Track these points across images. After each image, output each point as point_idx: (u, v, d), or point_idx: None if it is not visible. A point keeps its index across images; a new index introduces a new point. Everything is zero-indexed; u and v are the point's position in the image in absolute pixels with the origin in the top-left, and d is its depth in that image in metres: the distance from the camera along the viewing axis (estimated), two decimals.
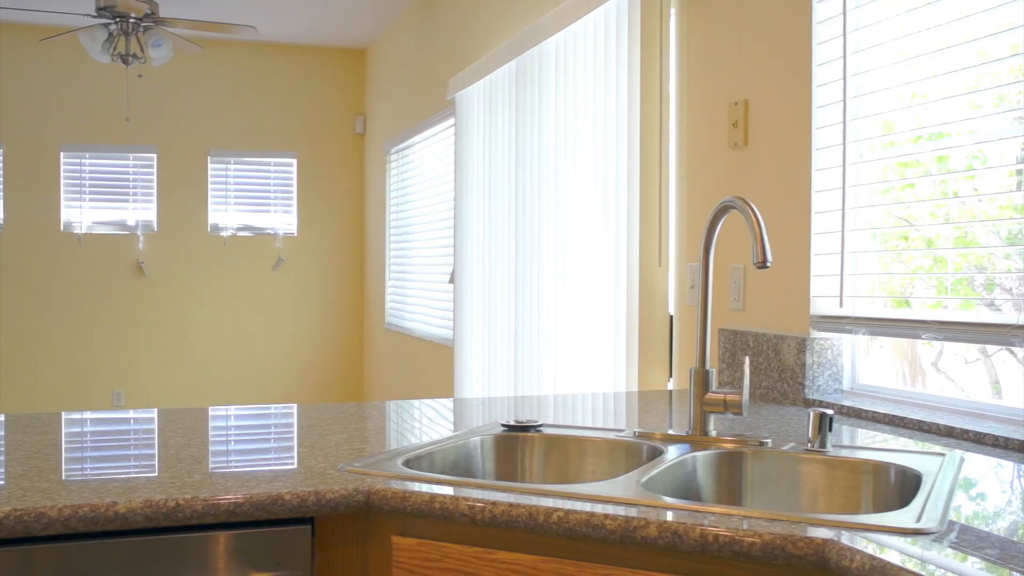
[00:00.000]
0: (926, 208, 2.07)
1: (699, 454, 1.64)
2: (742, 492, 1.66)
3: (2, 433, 1.81)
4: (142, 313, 7.20)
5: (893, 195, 2.13)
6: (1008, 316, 1.86)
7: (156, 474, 1.46)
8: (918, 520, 1.21)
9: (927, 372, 2.28)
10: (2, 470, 1.49)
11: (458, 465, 1.73)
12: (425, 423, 1.97)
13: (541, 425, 1.88)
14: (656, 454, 1.68)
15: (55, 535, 1.28)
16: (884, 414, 2.00)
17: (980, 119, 1.89)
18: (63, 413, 2.05)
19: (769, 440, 1.71)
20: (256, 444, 1.72)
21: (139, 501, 1.30)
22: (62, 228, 7.05)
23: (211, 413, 2.08)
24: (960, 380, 2.21)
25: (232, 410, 2.14)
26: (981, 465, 1.57)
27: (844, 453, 1.63)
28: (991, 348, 2.09)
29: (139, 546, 1.31)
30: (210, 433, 1.84)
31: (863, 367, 2.30)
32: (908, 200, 2.10)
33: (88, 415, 2.04)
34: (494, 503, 1.31)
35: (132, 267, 7.17)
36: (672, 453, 1.63)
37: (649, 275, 2.91)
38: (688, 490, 1.61)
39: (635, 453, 1.74)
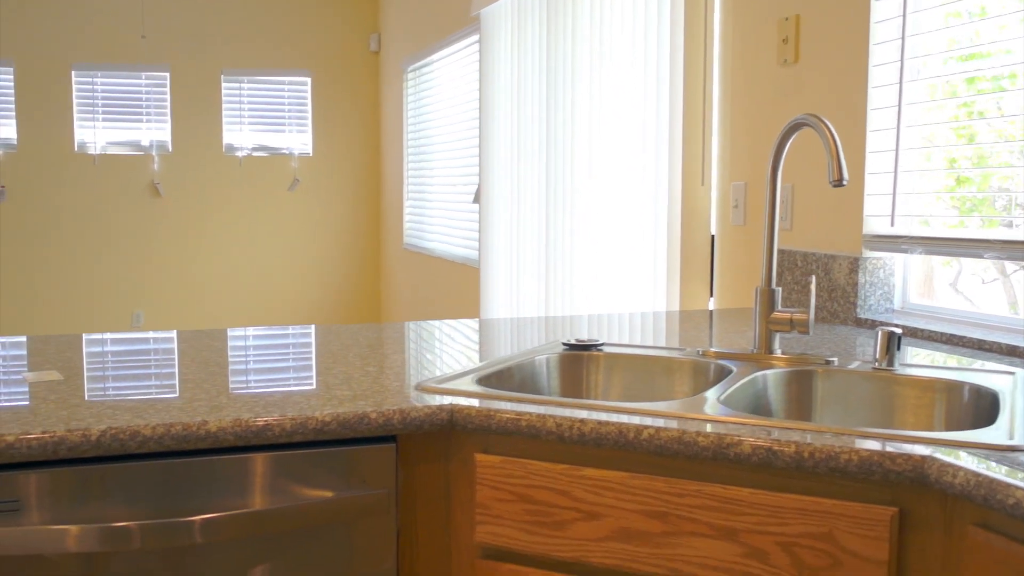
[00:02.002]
0: (984, 126, 2.04)
1: (769, 372, 1.65)
2: (811, 410, 1.67)
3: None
4: (159, 234, 7.19)
5: (949, 112, 2.10)
6: None
7: (239, 392, 1.47)
8: (1010, 437, 1.21)
9: (937, 291, 2.27)
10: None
11: (525, 384, 1.74)
12: (479, 343, 1.97)
13: (602, 344, 1.88)
14: (724, 373, 1.68)
15: (142, 453, 1.29)
16: (941, 333, 2.00)
17: None
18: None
19: (835, 359, 1.72)
20: (323, 364, 1.73)
21: (229, 420, 1.31)
22: (76, 149, 7.00)
23: (268, 332, 2.09)
24: (977, 300, 2.21)
25: (289, 330, 2.15)
26: None
27: (913, 371, 1.64)
28: (1010, 267, 2.10)
29: (227, 464, 1.32)
30: (273, 353, 1.84)
31: (914, 287, 2.29)
32: (963, 120, 2.07)
33: (150, 334, 2.05)
34: (582, 421, 1.31)
35: (148, 188, 7.14)
36: (740, 371, 1.63)
37: (691, 194, 2.89)
38: (758, 408, 1.62)
39: (702, 371, 1.74)
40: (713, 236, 2.92)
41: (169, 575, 1.31)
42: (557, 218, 3.79)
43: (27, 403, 1.39)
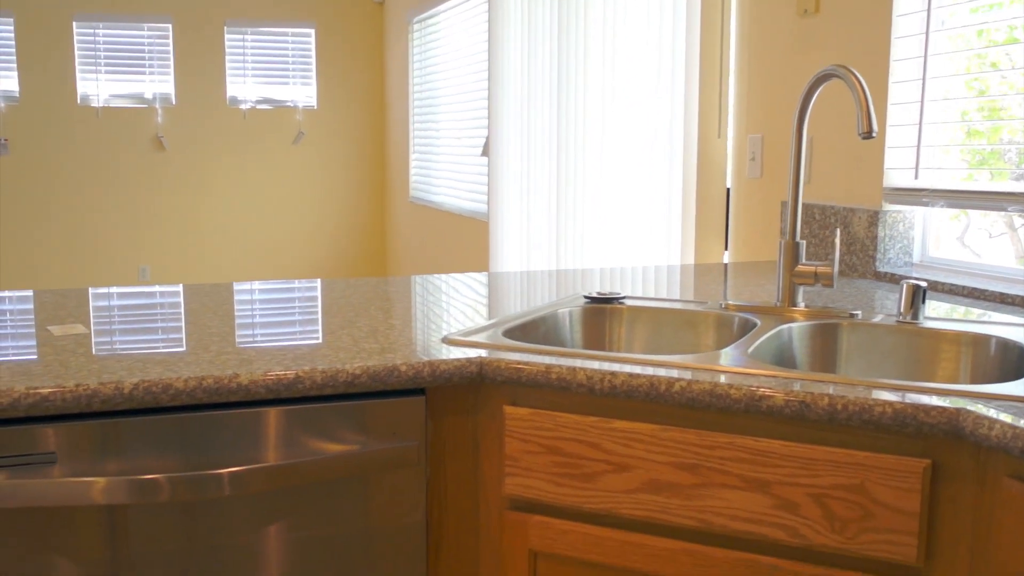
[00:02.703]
0: (1011, 77, 2.02)
1: (794, 325, 1.65)
2: (836, 364, 1.67)
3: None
4: (164, 188, 7.16)
5: (977, 63, 2.07)
6: None
7: (268, 345, 1.47)
8: None
9: (944, 245, 2.26)
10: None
11: (548, 336, 1.74)
12: (499, 296, 1.97)
13: (624, 297, 1.88)
14: (749, 326, 1.68)
15: (174, 406, 1.30)
16: (963, 287, 2.00)
17: None
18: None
19: (859, 312, 1.71)
20: (346, 317, 1.73)
21: (260, 372, 1.31)
22: (79, 101, 6.95)
23: (288, 286, 2.09)
24: (984, 254, 2.21)
25: (308, 283, 2.14)
26: None
27: (937, 325, 1.64)
28: (1018, 221, 2.09)
29: (257, 417, 1.32)
30: (294, 307, 1.84)
31: (933, 240, 2.28)
32: (987, 71, 2.04)
33: (158, 288, 2.05)
34: (613, 373, 1.31)
35: (152, 141, 7.10)
36: (765, 325, 1.63)
37: (707, 147, 2.87)
38: (783, 361, 1.62)
39: (726, 324, 1.74)
40: (728, 189, 2.90)
41: (199, 527, 1.32)
42: (569, 171, 3.77)
43: (57, 356, 1.39)
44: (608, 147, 3.45)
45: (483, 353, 1.42)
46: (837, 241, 1.70)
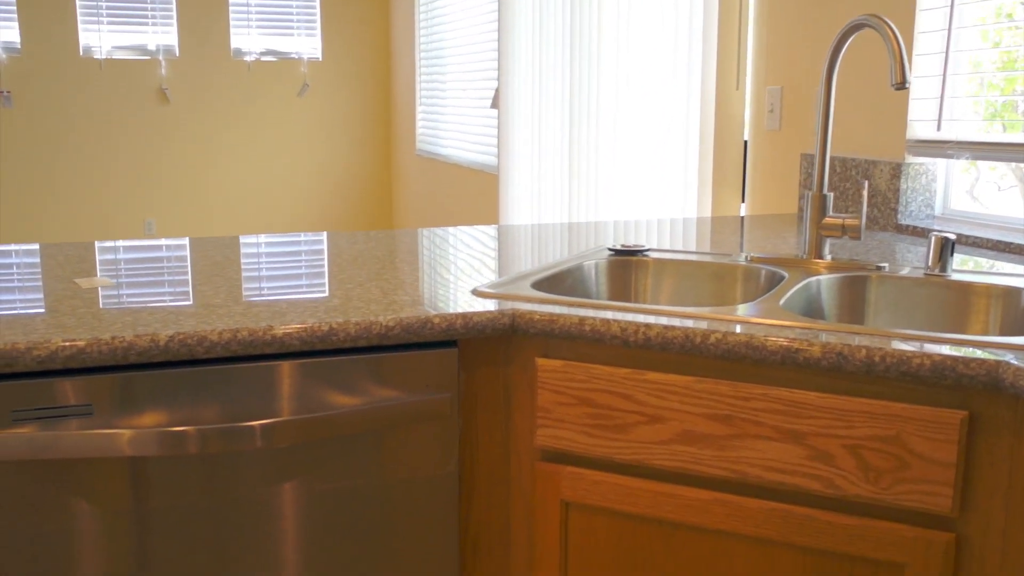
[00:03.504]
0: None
1: (823, 278, 1.64)
2: (864, 316, 1.67)
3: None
4: (168, 141, 7.12)
5: (1005, 10, 2.05)
6: None
7: (298, 297, 1.47)
8: None
9: (954, 197, 2.25)
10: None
11: (575, 288, 1.74)
12: (518, 249, 1.96)
13: (648, 250, 1.87)
14: (776, 279, 1.68)
15: (208, 359, 1.30)
16: (987, 239, 1.99)
17: None
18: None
19: (886, 265, 1.71)
20: (371, 270, 1.72)
21: (295, 325, 1.31)
22: (81, 53, 6.88)
23: (309, 238, 2.08)
24: (993, 207, 2.19)
25: (320, 236, 2.14)
26: None
27: (965, 278, 1.63)
28: None
29: (290, 369, 1.32)
30: (320, 260, 1.83)
31: (956, 193, 2.27)
32: (1003, 23, 2.01)
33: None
34: (648, 325, 1.31)
35: (156, 93, 7.04)
36: (792, 277, 1.62)
37: (725, 99, 2.85)
38: (812, 313, 1.62)
39: (752, 277, 1.74)
40: (746, 142, 2.88)
41: (229, 480, 1.32)
42: (581, 123, 3.74)
43: (88, 309, 1.39)
44: (623, 99, 3.42)
45: (515, 305, 1.42)
46: (865, 193, 1.69)
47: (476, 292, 1.51)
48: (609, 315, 1.35)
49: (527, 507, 1.47)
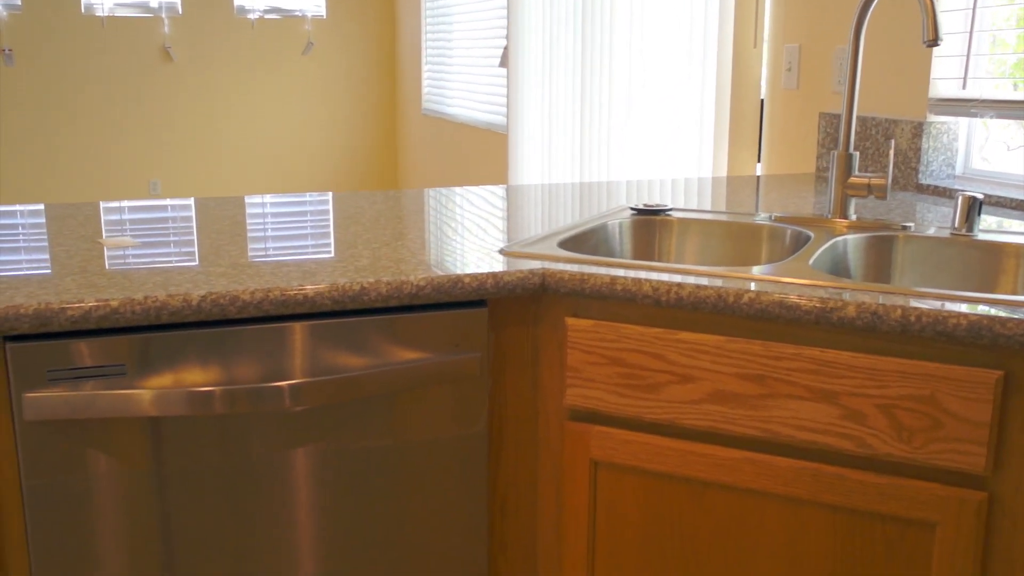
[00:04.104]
0: None
1: (849, 237, 1.64)
2: (891, 276, 1.66)
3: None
4: (172, 100, 7.07)
5: None
6: None
7: (328, 257, 1.46)
8: None
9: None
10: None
11: (599, 248, 1.73)
12: (538, 209, 1.95)
13: (671, 209, 1.86)
14: (802, 238, 1.67)
15: (239, 319, 1.29)
16: (1010, 199, 1.98)
17: None
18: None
19: (911, 224, 1.70)
20: (396, 230, 1.71)
21: (325, 284, 1.30)
22: (83, 10, 6.81)
23: (328, 198, 2.07)
24: (1001, 167, 2.18)
25: (339, 195, 2.13)
26: None
27: (993, 237, 1.63)
28: None
29: (323, 329, 1.32)
30: (343, 220, 1.83)
31: (977, 152, 2.26)
32: None
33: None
34: (680, 285, 1.31)
35: (159, 52, 6.98)
36: (819, 237, 1.62)
37: (742, 57, 2.82)
38: (839, 273, 1.62)
39: (778, 237, 1.73)
40: (762, 100, 2.86)
41: (261, 440, 1.33)
42: (594, 81, 3.71)
43: (117, 269, 1.39)
44: (637, 57, 3.39)
45: (544, 264, 1.42)
46: (892, 152, 1.68)
47: (504, 251, 1.50)
48: (642, 275, 1.35)
49: (555, 466, 1.48)
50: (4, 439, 1.24)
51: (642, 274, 1.35)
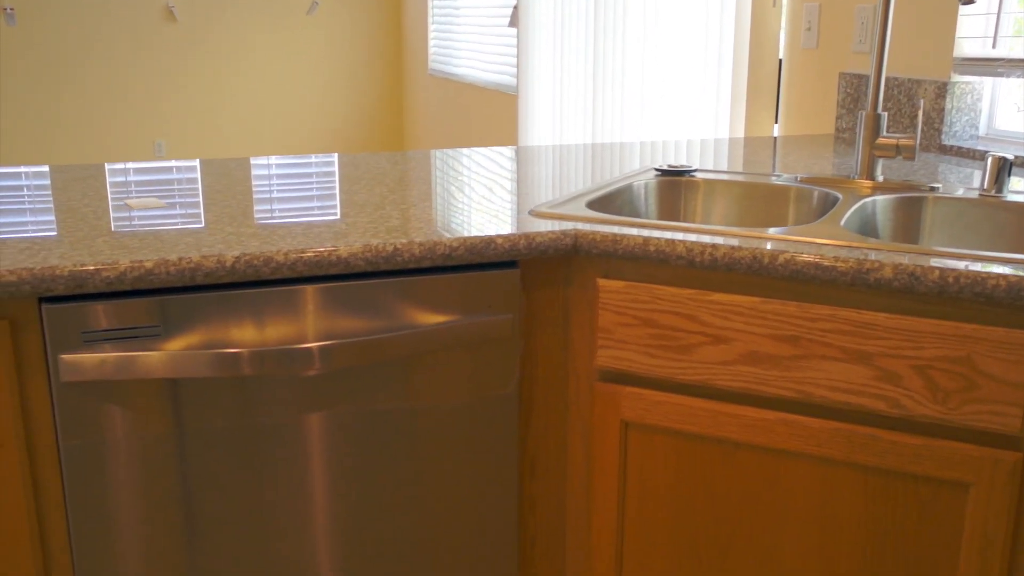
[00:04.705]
0: None
1: (878, 198, 1.63)
2: (919, 237, 1.66)
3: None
4: (176, 60, 7.01)
5: None
6: None
7: (359, 219, 1.46)
8: None
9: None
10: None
11: (623, 209, 1.73)
12: (561, 169, 1.94)
13: (695, 170, 1.85)
14: (830, 200, 1.66)
15: (272, 280, 1.29)
16: None
17: None
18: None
19: (939, 185, 1.69)
20: (422, 191, 1.71)
21: (359, 245, 1.30)
22: None
23: (351, 159, 2.06)
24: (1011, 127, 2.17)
25: (362, 156, 2.12)
26: None
27: (1023, 199, 1.62)
28: None
29: (357, 289, 1.32)
30: (367, 183, 1.82)
31: (1000, 112, 2.24)
32: None
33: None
34: (715, 246, 1.30)
35: (162, 11, 6.92)
36: (847, 198, 1.61)
37: (760, 16, 2.79)
38: (866, 234, 1.61)
39: (805, 198, 1.72)
40: (780, 60, 2.83)
41: (292, 402, 1.33)
42: (607, 40, 3.68)
43: (148, 230, 1.38)
44: (652, 15, 3.35)
45: (576, 225, 1.41)
46: (921, 113, 1.67)
47: (534, 212, 1.49)
48: (678, 236, 1.34)
49: (584, 427, 1.48)
50: (40, 400, 1.24)
51: (677, 235, 1.35)
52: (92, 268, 1.19)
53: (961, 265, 1.20)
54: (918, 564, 1.28)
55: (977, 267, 1.19)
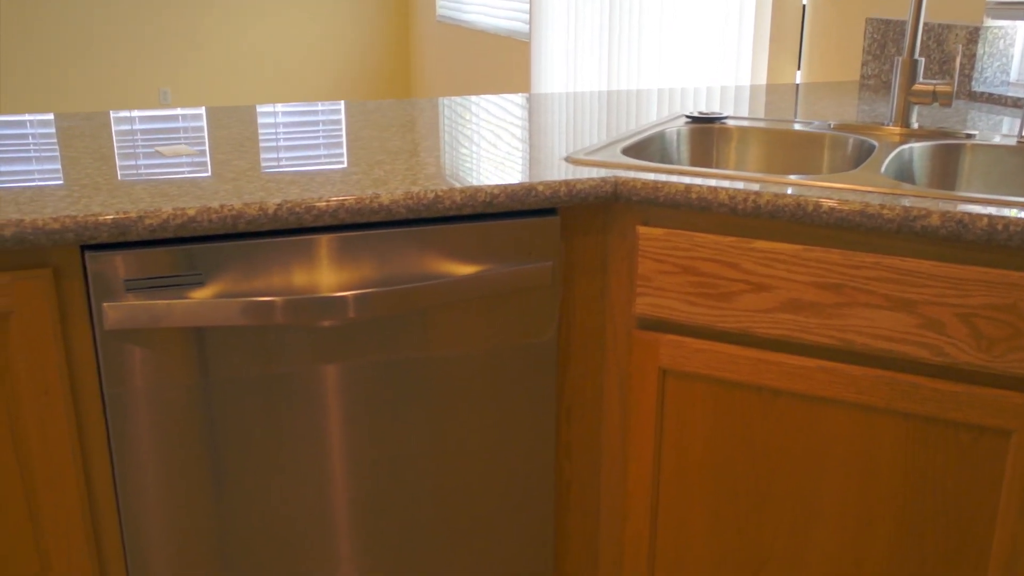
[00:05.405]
0: None
1: (916, 145, 1.61)
2: (957, 185, 1.65)
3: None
4: (181, 8, 6.93)
5: None
6: None
7: (397, 166, 1.44)
8: None
9: None
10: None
11: (656, 156, 1.71)
12: (588, 117, 1.91)
13: (726, 117, 1.84)
14: (865, 147, 1.65)
15: (310, 227, 1.28)
16: None
17: None
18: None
19: (976, 132, 1.68)
20: (455, 137, 1.69)
21: (400, 193, 1.29)
22: None
23: (377, 105, 2.04)
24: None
25: (384, 103, 2.09)
26: None
27: None
28: None
29: (401, 236, 1.31)
30: (407, 129, 1.80)
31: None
32: None
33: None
34: (758, 193, 1.29)
35: None
36: (884, 146, 1.59)
37: None
38: (904, 182, 1.59)
39: (839, 145, 1.71)
40: (804, 5, 2.79)
41: (331, 350, 1.33)
42: None
43: (186, 178, 1.37)
44: None
45: (616, 172, 1.40)
46: (959, 59, 1.65)
47: (571, 159, 1.48)
48: (722, 183, 1.33)
49: (621, 375, 1.48)
50: (84, 348, 1.24)
51: (721, 183, 1.34)
52: (135, 215, 1.19)
53: (1010, 212, 1.19)
54: (957, 510, 1.29)
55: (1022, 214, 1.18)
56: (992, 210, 1.19)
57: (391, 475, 1.41)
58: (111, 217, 1.18)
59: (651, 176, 1.38)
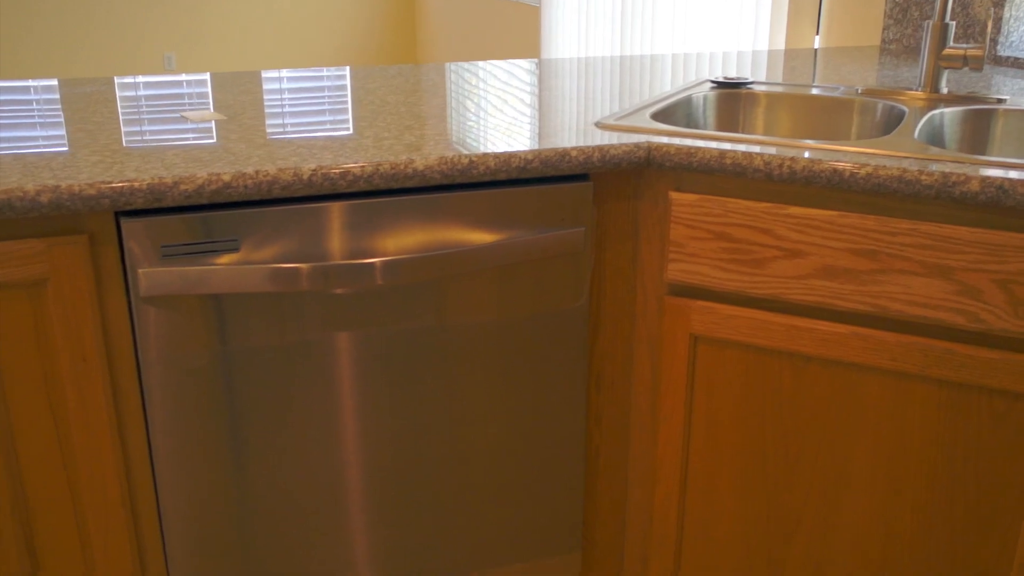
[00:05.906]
0: None
1: (946, 111, 1.60)
2: (988, 151, 1.64)
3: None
4: None
5: None
6: None
7: (428, 131, 1.43)
8: None
9: None
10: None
11: (682, 122, 1.70)
12: (603, 83, 1.90)
13: (752, 82, 1.82)
14: (895, 112, 1.63)
15: (342, 193, 1.27)
16: None
17: None
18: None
19: (1007, 98, 1.66)
20: (484, 102, 1.68)
21: (435, 158, 1.28)
22: None
23: (395, 71, 2.02)
24: None
25: (401, 68, 2.08)
26: None
27: None
28: None
29: (432, 202, 1.31)
30: (434, 94, 1.79)
31: None
32: None
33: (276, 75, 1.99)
34: (793, 159, 1.29)
35: None
36: (914, 111, 1.58)
37: None
38: (936, 146, 1.58)
39: (868, 111, 1.69)
40: None
41: (363, 316, 1.33)
42: None
43: (220, 144, 1.36)
44: None
45: (648, 138, 1.39)
46: (990, 23, 1.63)
47: (600, 125, 1.47)
48: (755, 149, 1.33)
49: (651, 341, 1.48)
50: (119, 315, 1.24)
51: (755, 148, 1.33)
52: (170, 181, 1.18)
53: None
54: (990, 476, 1.30)
55: None
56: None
57: (417, 443, 1.41)
58: (147, 183, 1.17)
59: (684, 142, 1.37)
